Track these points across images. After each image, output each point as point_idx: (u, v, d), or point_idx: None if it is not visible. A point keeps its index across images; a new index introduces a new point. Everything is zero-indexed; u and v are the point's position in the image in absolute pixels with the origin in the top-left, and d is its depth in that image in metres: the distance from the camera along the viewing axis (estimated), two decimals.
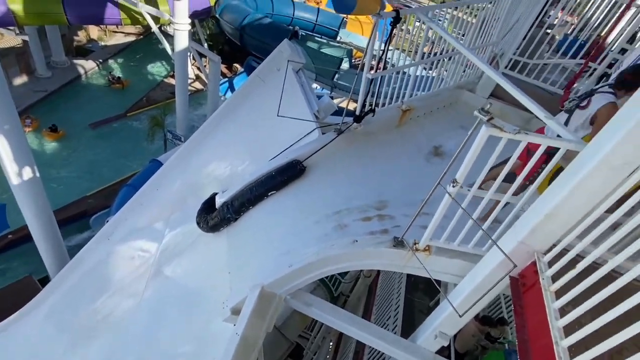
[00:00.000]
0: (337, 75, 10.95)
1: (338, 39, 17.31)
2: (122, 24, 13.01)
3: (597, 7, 4.91)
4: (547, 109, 2.28)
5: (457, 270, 2.71)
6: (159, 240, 5.31)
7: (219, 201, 3.94)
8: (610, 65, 4.38)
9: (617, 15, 4.55)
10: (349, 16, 18.75)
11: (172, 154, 6.21)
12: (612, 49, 4.42)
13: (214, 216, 3.92)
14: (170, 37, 13.25)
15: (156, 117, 16.02)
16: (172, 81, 20.66)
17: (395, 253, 2.84)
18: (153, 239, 5.47)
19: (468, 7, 4.59)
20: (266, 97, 5.02)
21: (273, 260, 3.26)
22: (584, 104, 2.76)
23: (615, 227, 1.76)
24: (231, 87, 17.04)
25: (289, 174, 3.60)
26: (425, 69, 4.91)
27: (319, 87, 13.49)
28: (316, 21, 17.36)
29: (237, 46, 16.27)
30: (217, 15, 15.56)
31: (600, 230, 1.81)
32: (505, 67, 4.62)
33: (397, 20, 3.07)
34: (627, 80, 2.50)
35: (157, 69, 24.37)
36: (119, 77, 21.50)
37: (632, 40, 4.58)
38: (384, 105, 4.16)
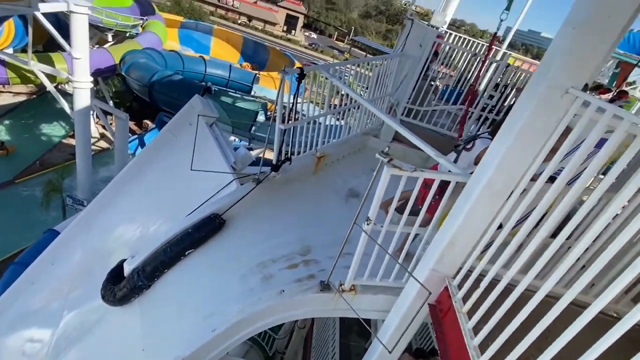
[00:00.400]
0: (254, 127, 11.20)
1: (252, 93, 17.90)
2: (9, 84, 11.70)
3: (467, 62, 5.97)
4: (440, 148, 2.61)
5: (382, 305, 2.78)
6: (54, 324, 4.50)
7: (127, 268, 3.54)
8: (483, 109, 5.24)
9: (480, 68, 5.54)
10: (261, 72, 19.67)
11: (72, 222, 5.51)
12: (483, 95, 5.33)
13: (123, 286, 3.49)
14: (69, 96, 12.29)
15: (52, 181, 14.22)
16: (72, 141, 18.79)
17: (323, 297, 2.83)
18: (47, 323, 4.63)
19: (367, 63, 5.18)
20: (179, 152, 4.86)
21: (194, 326, 2.97)
22: (469, 146, 3.22)
23: (505, 244, 2.02)
24: (141, 144, 16.15)
25: (207, 229, 3.44)
26: (337, 119, 5.30)
27: (237, 139, 13.53)
28: (229, 77, 17.80)
29: (147, 102, 15.73)
30: (122, 73, 15.02)
31: (493, 249, 2.05)
32: (402, 114, 5.22)
33: (301, 76, 3.31)
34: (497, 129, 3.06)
35: (53, 129, 22.01)
36: (2, 143, 18.80)
37: (496, 87, 5.56)
38: (299, 153, 4.32)
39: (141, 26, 20.07)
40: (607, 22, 1.47)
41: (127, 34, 19.49)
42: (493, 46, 4.28)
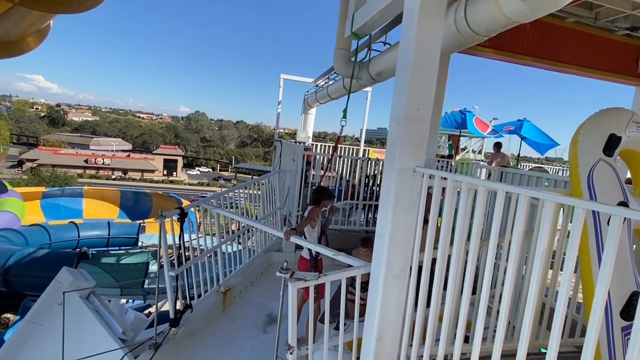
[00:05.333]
0: (147, 281, 9.97)
1: (140, 244, 16.41)
2: None
3: (342, 165, 6.70)
4: (338, 243, 2.67)
5: None
6: None
7: None
8: (365, 198, 5.78)
9: (352, 166, 6.29)
10: (146, 221, 18.51)
11: None
12: (360, 186, 5.94)
13: None
14: None
15: None
16: None
17: None
18: None
19: (254, 184, 5.33)
20: (50, 342, 3.89)
21: None
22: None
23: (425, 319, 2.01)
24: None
25: None
26: (239, 242, 5.09)
27: (129, 301, 11.71)
28: (109, 235, 16.19)
29: (5, 292, 12.84)
30: None
31: (418, 328, 2.01)
32: (296, 222, 5.35)
33: (183, 216, 3.18)
34: (313, 197, 3.59)
35: None
36: None
37: (374, 181, 6.26)
38: (200, 295, 3.89)
39: None
40: (418, 114, 1.84)
41: None
42: (343, 145, 4.97)
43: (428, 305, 2.00)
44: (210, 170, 72.99)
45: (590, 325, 1.18)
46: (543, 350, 2.59)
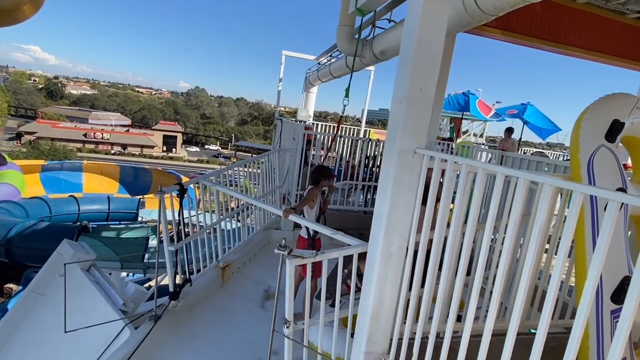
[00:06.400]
0: (147, 256, 10.11)
1: (139, 219, 16.53)
2: None
3: (342, 145, 6.66)
4: (336, 222, 2.69)
5: None
6: None
7: None
8: (364, 179, 5.79)
9: (351, 146, 6.27)
10: (145, 196, 18.58)
11: None
12: (359, 167, 5.94)
13: None
14: None
15: None
16: None
17: None
18: None
19: (254, 162, 5.31)
20: (52, 312, 3.99)
21: None
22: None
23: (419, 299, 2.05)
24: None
25: None
26: (238, 220, 5.13)
27: (129, 274, 11.91)
28: (109, 210, 16.29)
29: (7, 263, 13.04)
30: None
31: (412, 307, 2.06)
32: (295, 202, 5.38)
33: (182, 191, 3.19)
34: (312, 177, 3.63)
35: None
36: None
37: (374, 162, 6.23)
38: (199, 270, 3.96)
39: None
40: (421, 94, 1.81)
41: None
42: (344, 125, 4.93)
43: (423, 285, 2.04)
44: (219, 148, 72.13)
45: (580, 307, 1.20)
46: (532, 331, 2.66)
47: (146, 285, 10.86)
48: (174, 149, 64.37)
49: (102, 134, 58.08)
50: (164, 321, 3.28)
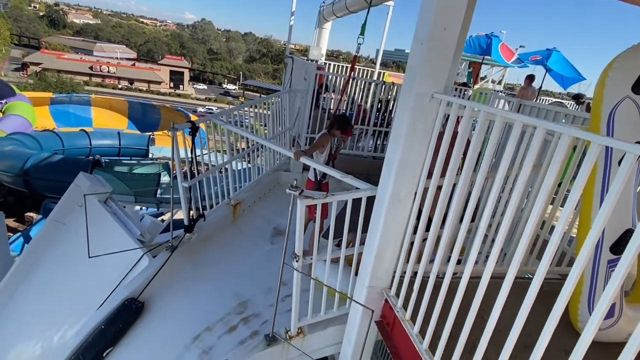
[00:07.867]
0: (159, 191, 10.44)
1: (150, 156, 16.80)
2: None
3: (354, 88, 6.45)
4: (354, 166, 2.72)
5: (333, 338, 2.70)
6: None
7: None
8: (375, 124, 5.71)
9: (364, 88, 6.07)
10: (155, 133, 18.67)
11: None
12: (372, 112, 5.81)
13: None
14: None
15: None
16: None
17: (272, 352, 2.63)
18: None
19: (264, 103, 5.22)
20: (74, 240, 4.24)
21: None
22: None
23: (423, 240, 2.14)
24: (28, 242, 13.76)
25: (123, 318, 3.00)
26: (248, 161, 5.21)
27: (143, 208, 12.42)
28: (120, 145, 16.49)
29: (26, 193, 13.63)
30: None
31: (416, 249, 2.15)
32: (305, 145, 5.38)
33: (194, 129, 3.21)
34: (332, 123, 3.53)
35: None
36: None
37: (386, 107, 6.08)
38: (212, 207, 4.11)
39: (0, 111, 17.65)
40: (444, 34, 1.72)
41: None
42: (358, 67, 4.72)
43: (427, 229, 2.11)
44: (237, 87, 69.58)
45: (579, 257, 1.24)
46: (528, 276, 2.80)
47: (159, 218, 11.35)
48: (181, 86, 63.08)
49: (109, 67, 56.72)
50: (180, 252, 3.50)
